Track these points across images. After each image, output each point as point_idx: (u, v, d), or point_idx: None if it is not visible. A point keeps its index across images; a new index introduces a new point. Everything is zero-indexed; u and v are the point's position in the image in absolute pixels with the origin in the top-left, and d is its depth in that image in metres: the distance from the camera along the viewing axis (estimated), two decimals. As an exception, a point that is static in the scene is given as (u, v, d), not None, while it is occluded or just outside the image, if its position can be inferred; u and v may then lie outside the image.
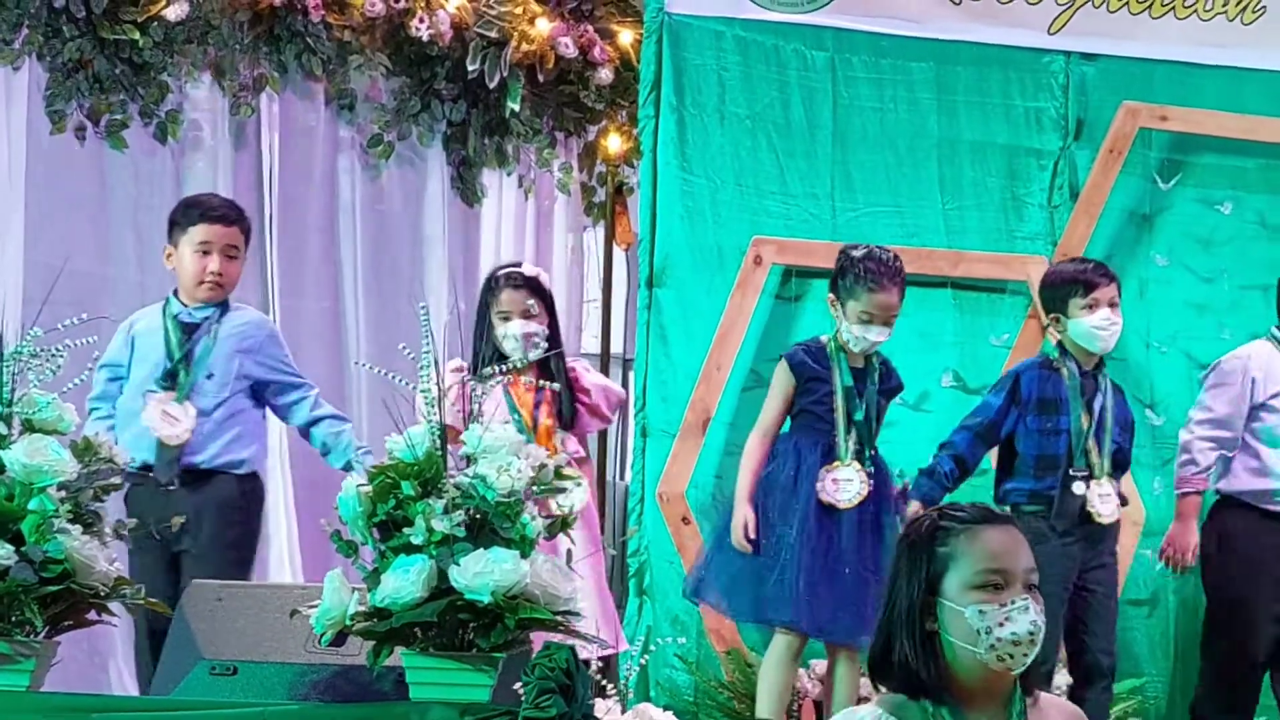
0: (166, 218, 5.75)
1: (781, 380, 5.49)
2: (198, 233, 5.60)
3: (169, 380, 5.53)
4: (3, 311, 4.05)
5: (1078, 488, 5.47)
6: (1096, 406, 5.55)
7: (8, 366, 4.02)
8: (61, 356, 4.07)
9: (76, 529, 3.96)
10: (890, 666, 3.05)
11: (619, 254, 7.61)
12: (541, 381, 5.26)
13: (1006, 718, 3.03)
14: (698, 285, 6.25)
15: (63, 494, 3.97)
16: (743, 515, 5.37)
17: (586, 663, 3.81)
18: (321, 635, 3.81)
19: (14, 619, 3.88)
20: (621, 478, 7.22)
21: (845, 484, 5.36)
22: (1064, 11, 6.46)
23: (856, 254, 5.45)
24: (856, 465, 5.37)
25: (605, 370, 7.29)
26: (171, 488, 5.45)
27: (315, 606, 3.79)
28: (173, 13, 6.55)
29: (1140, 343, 6.39)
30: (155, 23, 6.55)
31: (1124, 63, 6.51)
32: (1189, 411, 5.89)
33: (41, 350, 4.05)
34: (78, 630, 4.15)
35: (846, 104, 6.43)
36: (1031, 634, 2.97)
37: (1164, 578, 6.24)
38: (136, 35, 6.52)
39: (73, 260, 6.11)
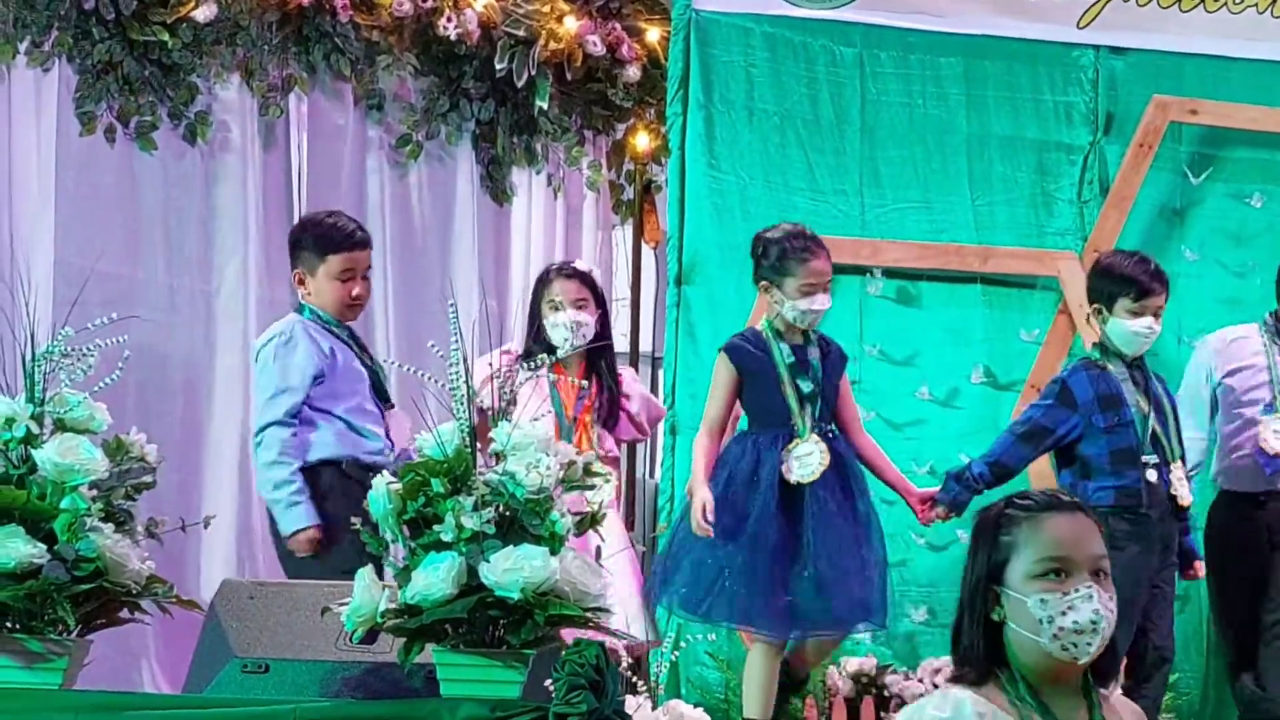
0: (195, 218, 5.75)
1: (722, 372, 5.49)
2: (340, 261, 5.63)
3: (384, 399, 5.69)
4: (34, 312, 4.06)
5: (1150, 475, 5.46)
6: (1153, 393, 5.55)
7: (39, 366, 4.03)
8: (92, 356, 4.07)
9: (108, 527, 3.97)
10: (963, 652, 3.03)
11: (648, 252, 7.60)
12: (583, 383, 5.27)
13: (1085, 708, 2.99)
14: (726, 282, 6.25)
15: (94, 493, 3.98)
16: (701, 498, 5.32)
17: (616, 657, 3.81)
18: (353, 632, 3.82)
19: (47, 617, 3.89)
20: (651, 475, 7.22)
21: (805, 459, 5.32)
22: (1093, 5, 6.45)
23: (775, 235, 5.48)
24: (815, 438, 5.34)
25: (635, 368, 7.29)
26: None
27: (346, 604, 3.80)
28: (201, 14, 6.55)
29: (1172, 338, 6.37)
30: (184, 24, 6.56)
31: (1154, 56, 6.50)
32: None
33: (72, 350, 4.06)
34: (111, 629, 4.16)
35: (875, 100, 6.43)
36: (1094, 622, 2.92)
37: (1196, 573, 6.23)
38: (165, 37, 6.53)
39: (102, 261, 6.13)
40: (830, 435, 5.40)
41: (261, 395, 5.63)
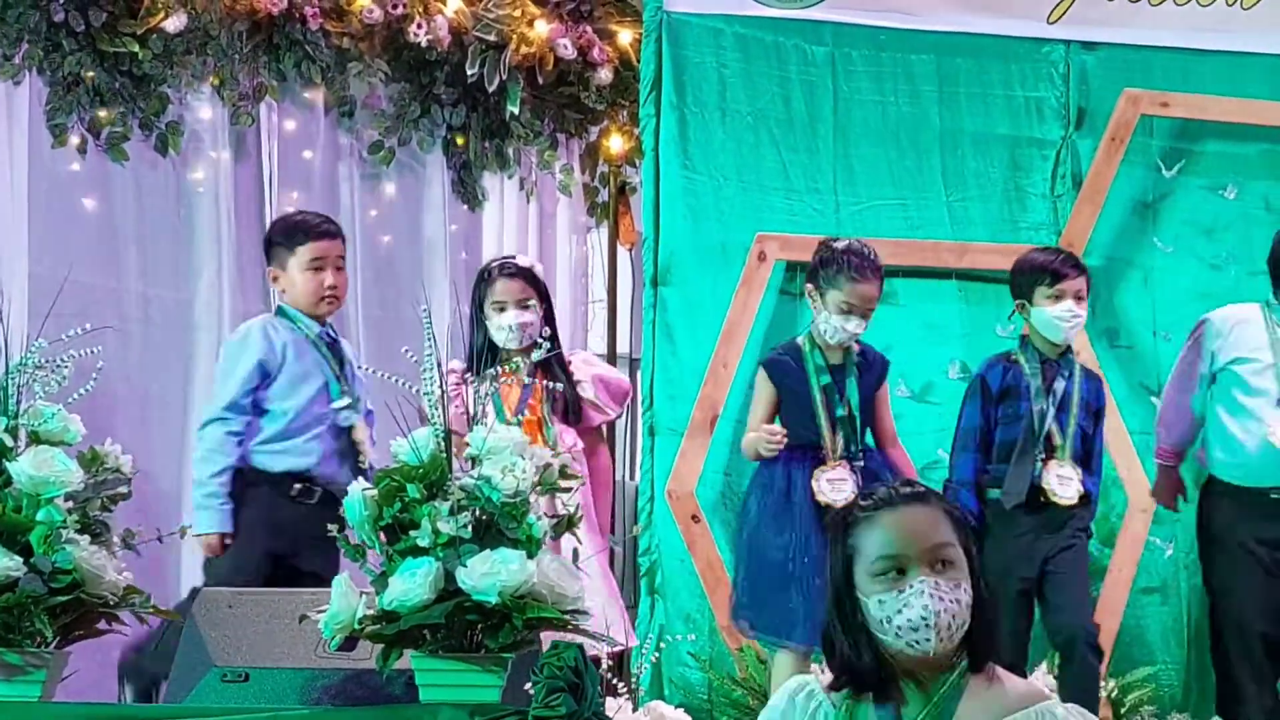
0: (168, 228, 5.75)
1: (762, 387, 5.64)
2: (308, 250, 5.70)
3: (339, 400, 5.71)
4: (8, 323, 4.05)
5: (1036, 468, 5.51)
6: (1059, 390, 5.59)
7: (13, 379, 4.02)
8: (66, 368, 4.07)
9: (85, 539, 3.95)
10: (834, 662, 3.04)
11: (623, 254, 7.61)
12: (531, 380, 5.25)
13: (930, 697, 2.99)
14: (702, 283, 6.25)
15: (70, 504, 3.97)
16: (757, 434, 5.49)
17: (596, 660, 3.81)
18: (330, 639, 3.82)
19: (24, 630, 3.88)
20: (631, 477, 7.22)
21: (839, 484, 5.42)
22: (1063, 0, 6.45)
23: (839, 246, 5.60)
24: (846, 465, 5.42)
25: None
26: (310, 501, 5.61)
27: (324, 611, 3.80)
28: (171, 24, 6.55)
29: (1146, 331, 6.38)
30: (154, 35, 6.56)
31: (1124, 50, 6.51)
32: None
33: (46, 362, 4.05)
34: (91, 641, 4.15)
35: (847, 98, 6.43)
36: (924, 618, 2.93)
37: (1176, 565, 6.24)
38: (136, 48, 6.53)
39: (76, 272, 6.12)
40: (862, 455, 5.50)
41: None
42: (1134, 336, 6.31)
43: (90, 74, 6.51)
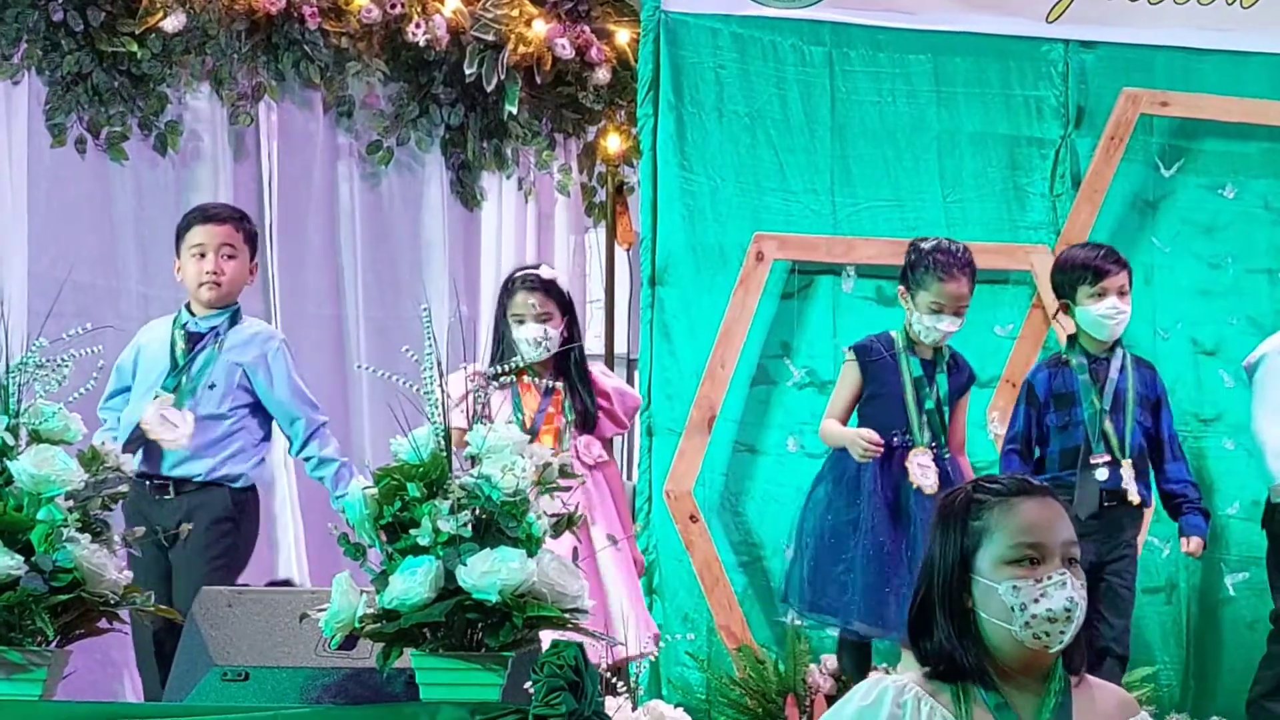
0: (168, 227, 5.75)
1: (849, 374, 5.63)
2: (193, 236, 5.64)
3: (172, 390, 5.57)
4: (7, 323, 4.06)
5: (1100, 474, 5.50)
6: (1111, 390, 5.58)
7: (14, 378, 4.03)
8: (67, 367, 4.07)
9: (85, 538, 3.96)
10: (928, 647, 2.93)
11: (621, 254, 7.61)
12: (547, 382, 5.25)
13: (1045, 695, 2.92)
14: (700, 283, 6.26)
15: (71, 503, 3.98)
16: (854, 432, 5.48)
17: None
18: (331, 638, 3.82)
19: (25, 628, 3.89)
20: (629, 477, 7.22)
21: (927, 469, 5.44)
22: (1062, -1, 6.47)
23: (926, 246, 5.60)
24: (933, 454, 5.45)
25: (610, 369, 7.29)
26: (166, 496, 5.49)
27: (324, 610, 3.80)
28: (170, 24, 6.55)
29: (1147, 329, 6.38)
30: (153, 34, 6.56)
31: (1123, 49, 6.51)
32: (1256, 411, 5.84)
33: (47, 361, 4.06)
34: (92, 640, 4.16)
35: (844, 98, 6.43)
36: (1068, 610, 2.86)
37: (1176, 565, 6.24)
38: (134, 47, 6.53)
39: (76, 272, 6.14)
40: (942, 452, 5.53)
41: None
42: (1134, 334, 6.28)
43: (89, 74, 6.51)
